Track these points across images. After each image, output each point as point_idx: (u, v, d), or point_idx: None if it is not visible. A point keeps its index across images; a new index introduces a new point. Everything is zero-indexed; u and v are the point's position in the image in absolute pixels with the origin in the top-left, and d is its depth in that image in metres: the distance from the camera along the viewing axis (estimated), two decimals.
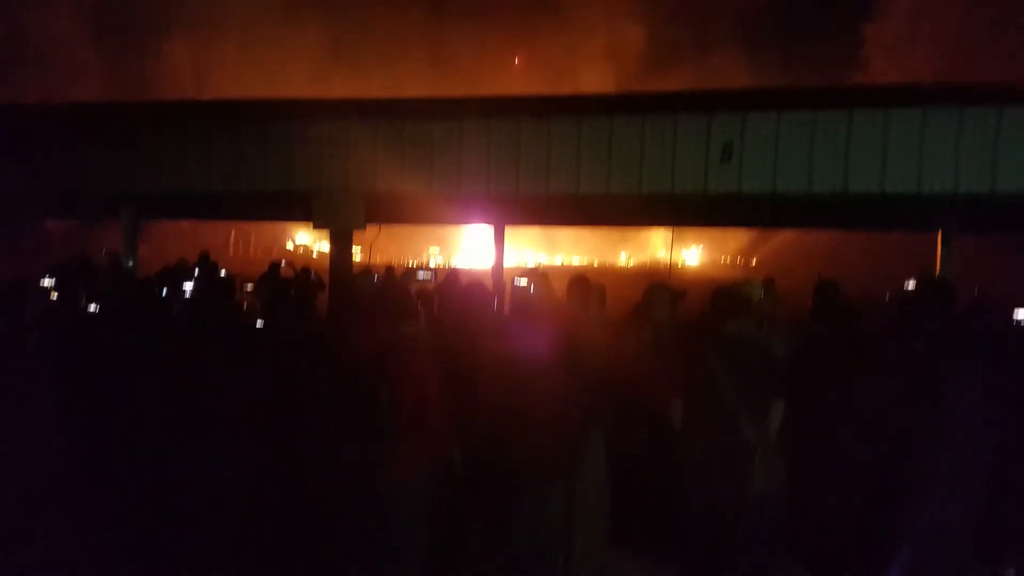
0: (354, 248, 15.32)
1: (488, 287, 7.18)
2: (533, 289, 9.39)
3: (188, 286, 12.03)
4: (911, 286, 9.18)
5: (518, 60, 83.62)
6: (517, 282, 10.02)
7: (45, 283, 10.03)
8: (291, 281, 11.95)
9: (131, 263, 15.58)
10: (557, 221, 24.20)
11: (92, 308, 9.07)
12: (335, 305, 10.81)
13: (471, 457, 5.70)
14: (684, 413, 5.92)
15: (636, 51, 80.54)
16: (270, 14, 73.29)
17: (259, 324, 8.56)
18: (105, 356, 6.33)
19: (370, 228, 14.91)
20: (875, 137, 12.11)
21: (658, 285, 7.21)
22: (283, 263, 13.61)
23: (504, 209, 16.11)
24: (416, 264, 13.95)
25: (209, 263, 14.24)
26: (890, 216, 16.05)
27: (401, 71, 71.87)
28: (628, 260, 79.54)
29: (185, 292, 11.65)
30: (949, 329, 6.00)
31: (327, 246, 15.61)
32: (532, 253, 66.26)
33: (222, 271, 13.35)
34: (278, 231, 73.94)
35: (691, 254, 79.20)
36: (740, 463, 5.67)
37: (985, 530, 6.21)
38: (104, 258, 14.83)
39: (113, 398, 6.09)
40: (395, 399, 5.51)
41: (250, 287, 9.86)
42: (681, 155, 12.71)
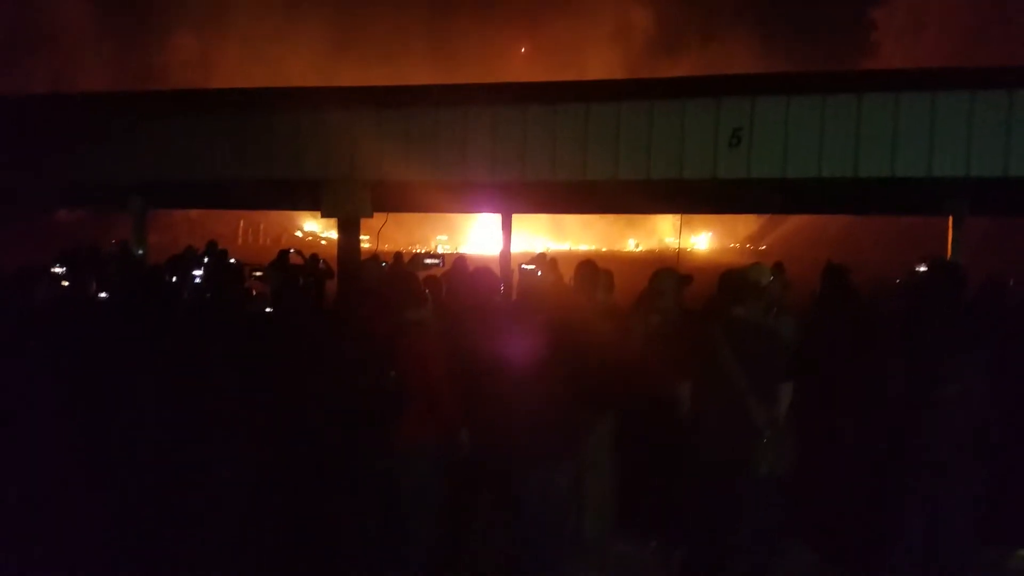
0: (362, 236, 15.29)
1: (495, 273, 7.17)
2: (541, 274, 9.38)
3: (198, 273, 12.07)
4: (922, 270, 9.14)
5: (524, 49, 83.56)
6: (525, 267, 10.00)
7: (55, 270, 10.05)
8: (300, 268, 11.97)
9: (140, 252, 15.59)
10: (564, 208, 24.11)
11: (102, 295, 9.09)
12: (343, 292, 10.80)
13: (479, 439, 5.71)
14: (692, 397, 5.91)
15: (644, 36, 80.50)
16: (275, 3, 73.39)
17: (268, 311, 8.58)
18: (116, 342, 6.34)
19: (378, 216, 14.87)
20: (885, 121, 12.02)
21: (665, 270, 7.19)
22: (292, 251, 13.60)
23: (511, 196, 16.07)
24: (424, 250, 13.97)
25: (218, 251, 14.25)
26: (901, 200, 15.96)
27: (406, 59, 71.94)
28: (636, 246, 79.59)
29: (195, 278, 11.67)
30: (960, 313, 5.97)
31: (335, 234, 15.58)
32: (540, 240, 66.21)
33: (231, 259, 13.38)
34: (286, 220, 74.16)
35: (700, 240, 79.20)
36: (748, 447, 5.66)
37: (993, 512, 6.21)
38: (113, 247, 14.85)
39: (125, 384, 6.10)
40: (403, 383, 5.53)
41: (259, 274, 9.86)
42: (690, 141, 12.63)
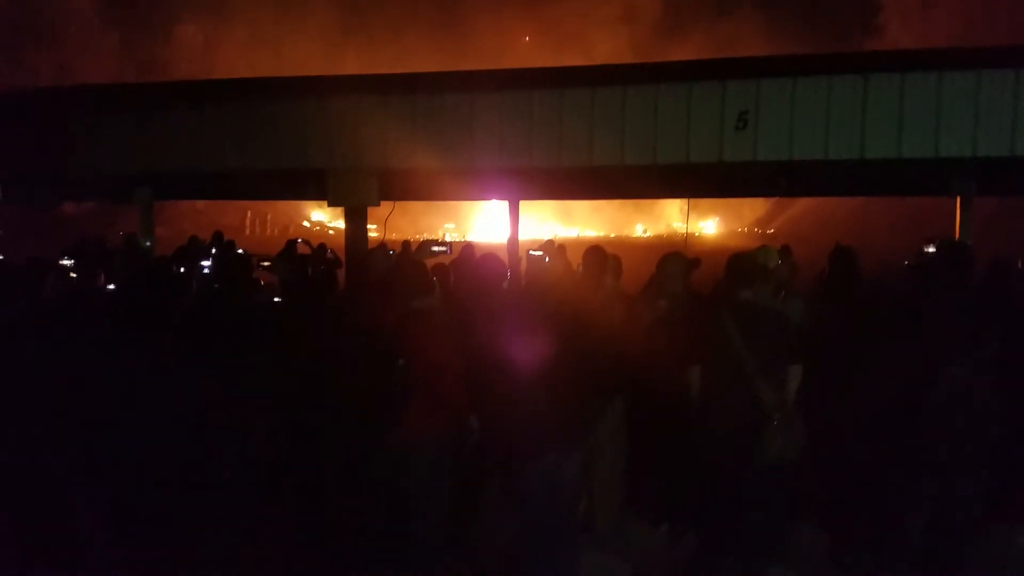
0: (370, 225, 15.32)
1: (503, 260, 7.17)
2: (548, 261, 9.38)
3: (206, 264, 12.09)
4: (930, 251, 9.13)
5: (528, 37, 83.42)
6: (532, 254, 10.00)
7: (63, 263, 10.07)
8: (308, 258, 11.97)
9: (148, 243, 15.63)
10: (572, 194, 24.09)
11: (110, 287, 9.10)
12: (351, 280, 10.81)
13: (487, 426, 5.72)
14: (702, 381, 5.91)
15: (650, 19, 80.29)
16: None
17: (276, 300, 8.60)
18: (126, 336, 6.35)
19: (384, 205, 14.89)
20: (891, 102, 12.00)
21: (673, 254, 7.17)
22: (299, 241, 13.62)
23: (518, 183, 16.07)
24: (431, 238, 13.92)
25: (224, 241, 14.27)
26: (908, 181, 15.95)
27: (410, 46, 71.85)
28: (644, 231, 79.57)
29: (203, 269, 11.70)
30: (968, 293, 5.96)
31: (343, 224, 15.59)
32: (547, 226, 66.23)
33: (238, 249, 13.39)
34: (293, 210, 74.34)
35: (708, 225, 79.18)
36: (758, 429, 5.66)
37: (1000, 494, 6.21)
38: (120, 239, 14.88)
39: (134, 378, 6.11)
40: (411, 371, 5.54)
41: (267, 264, 9.87)
42: (696, 124, 12.62)
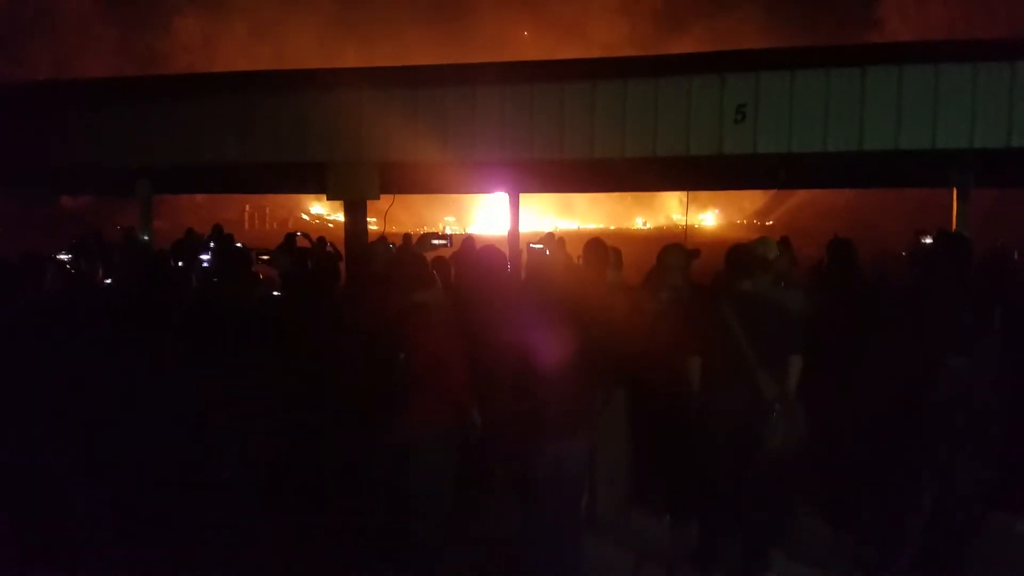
0: (370, 219, 15.30)
1: (503, 252, 7.19)
2: (549, 254, 9.41)
3: (205, 258, 12.11)
4: (927, 241, 9.16)
5: (527, 32, 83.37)
6: (533, 247, 10.02)
7: (61, 257, 10.10)
8: (307, 251, 12.00)
9: (147, 237, 15.63)
10: (572, 187, 24.08)
11: (109, 281, 9.13)
12: (351, 274, 10.83)
13: (491, 418, 5.74)
14: (703, 372, 5.94)
15: (650, 11, 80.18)
16: None
17: (275, 294, 8.62)
18: (126, 333, 6.36)
19: (384, 198, 14.88)
20: (889, 94, 12.00)
21: (674, 245, 7.20)
22: (299, 234, 13.62)
23: (519, 175, 16.07)
24: (431, 231, 13.91)
25: (223, 235, 14.29)
26: (905, 173, 15.96)
27: (411, 38, 71.76)
28: (644, 224, 79.57)
29: (202, 263, 11.72)
30: (966, 282, 5.98)
31: (342, 217, 15.58)
32: (548, 219, 66.22)
33: (237, 243, 13.42)
34: (293, 203, 74.29)
35: (707, 217, 79.20)
36: (759, 419, 5.69)
37: (1002, 481, 6.25)
38: (118, 233, 14.89)
39: (136, 373, 6.13)
40: (413, 365, 5.55)
41: (266, 258, 9.88)
42: (695, 117, 12.62)
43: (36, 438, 5.75)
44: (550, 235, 11.27)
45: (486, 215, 68.49)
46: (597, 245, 7.00)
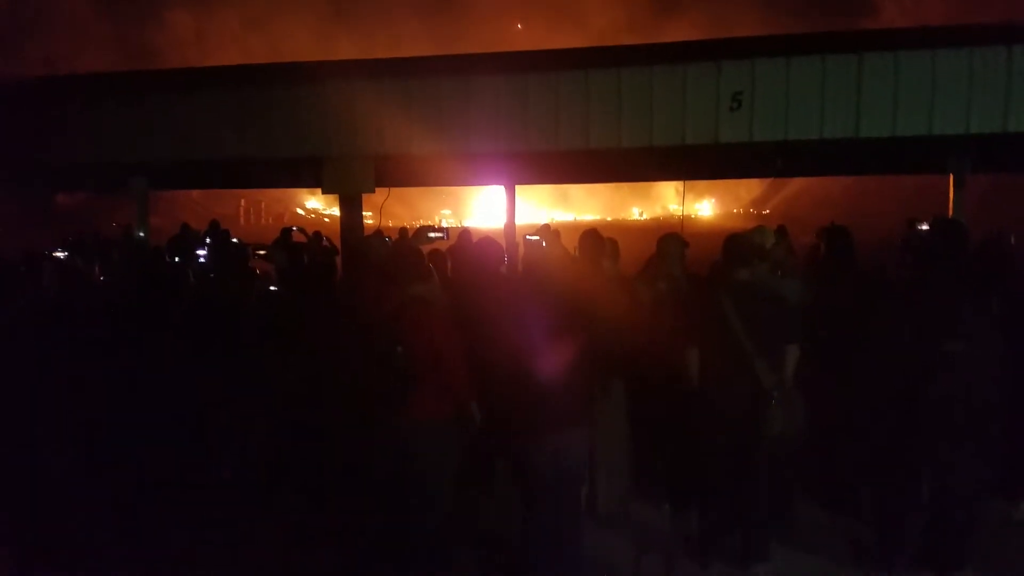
0: (365, 212, 15.27)
1: (500, 244, 7.17)
2: (545, 245, 9.39)
3: (201, 253, 12.09)
4: (923, 228, 9.14)
5: (520, 25, 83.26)
6: (529, 239, 10.01)
7: (57, 255, 10.08)
8: (303, 246, 11.98)
9: (143, 234, 15.60)
10: (569, 177, 24.04)
11: (107, 279, 9.11)
12: (348, 268, 10.80)
13: (491, 411, 5.73)
14: (701, 362, 5.93)
15: None
16: None
17: (272, 289, 8.60)
18: (125, 333, 6.35)
19: (380, 191, 14.85)
20: (885, 81, 11.99)
21: (671, 235, 7.20)
22: (295, 229, 13.60)
23: (514, 167, 16.05)
24: (427, 224, 13.85)
25: (220, 231, 14.26)
26: (902, 160, 15.94)
27: (404, 29, 71.63)
28: (640, 214, 79.55)
29: (199, 258, 11.70)
30: (963, 269, 5.97)
31: (338, 211, 15.56)
32: (544, 211, 66.17)
33: (233, 239, 13.40)
34: (288, 198, 74.20)
35: (704, 206, 79.20)
36: (758, 409, 5.68)
37: (1000, 466, 6.25)
38: (115, 230, 14.86)
39: (136, 373, 6.12)
40: (410, 359, 5.53)
41: (262, 253, 9.85)
42: (691, 106, 12.61)
43: (36, 438, 5.74)
44: (546, 227, 11.27)
45: (482, 208, 68.44)
46: (592, 236, 6.97)
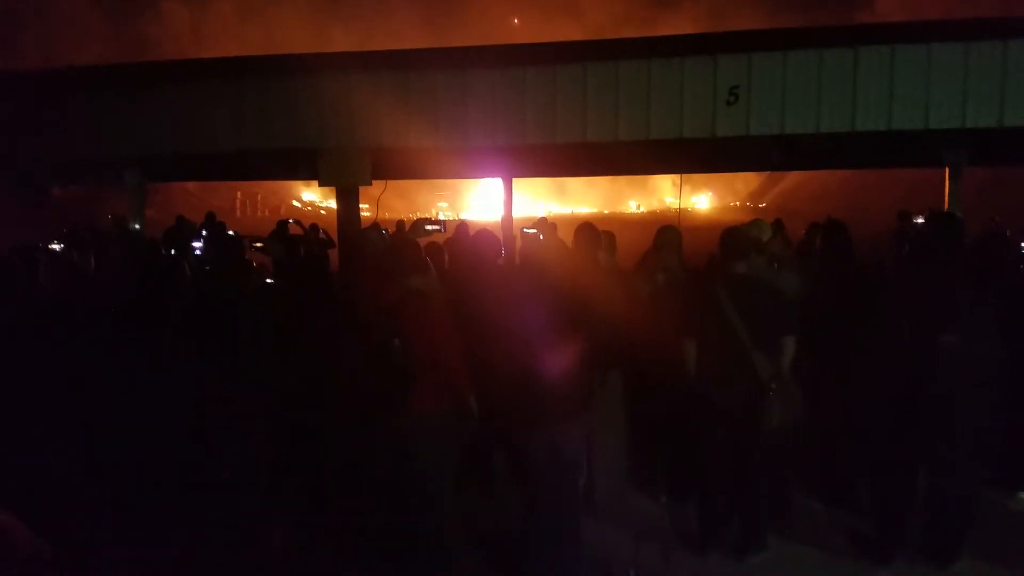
0: (362, 205, 15.27)
1: (497, 237, 7.17)
2: (542, 238, 9.40)
3: (197, 245, 12.08)
4: (919, 221, 9.17)
5: (518, 20, 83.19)
6: (527, 232, 10.03)
7: (53, 247, 10.07)
8: (300, 238, 11.97)
9: (138, 227, 15.58)
10: (566, 170, 24.05)
11: (103, 272, 9.10)
12: (345, 261, 10.82)
13: (488, 404, 5.73)
14: (698, 354, 5.95)
15: None
16: None
17: (268, 281, 8.60)
18: (124, 332, 6.34)
19: (377, 184, 14.84)
20: (882, 74, 12.02)
21: (669, 227, 7.22)
22: (291, 221, 13.59)
23: (511, 160, 16.05)
24: (424, 216, 13.85)
25: (216, 223, 14.24)
26: (898, 153, 15.97)
27: (402, 21, 71.46)
28: (637, 207, 79.49)
29: (195, 251, 11.68)
30: (959, 261, 5.98)
31: (335, 203, 15.54)
32: (541, 204, 66.12)
33: (229, 231, 13.38)
34: (284, 190, 74.04)
35: (701, 199, 79.19)
36: (755, 401, 5.70)
37: (997, 457, 6.27)
38: (110, 223, 14.84)
39: (136, 372, 6.12)
40: (408, 352, 5.52)
41: (259, 245, 9.85)
42: (688, 99, 12.63)
43: (36, 438, 5.73)
44: (543, 219, 11.28)
45: (479, 200, 68.39)
46: (588, 229, 6.98)
